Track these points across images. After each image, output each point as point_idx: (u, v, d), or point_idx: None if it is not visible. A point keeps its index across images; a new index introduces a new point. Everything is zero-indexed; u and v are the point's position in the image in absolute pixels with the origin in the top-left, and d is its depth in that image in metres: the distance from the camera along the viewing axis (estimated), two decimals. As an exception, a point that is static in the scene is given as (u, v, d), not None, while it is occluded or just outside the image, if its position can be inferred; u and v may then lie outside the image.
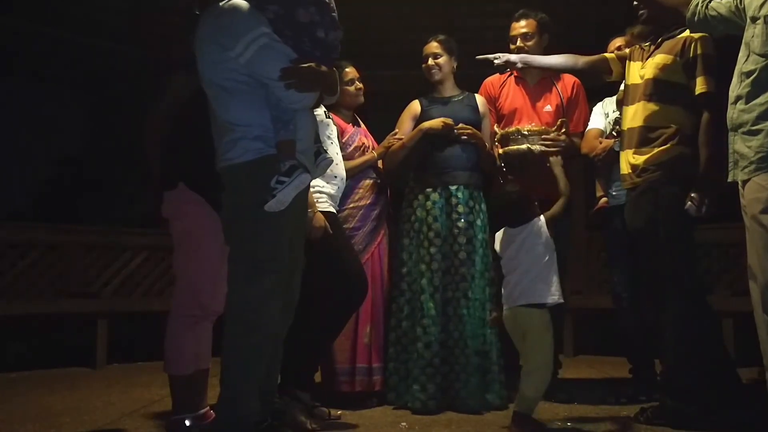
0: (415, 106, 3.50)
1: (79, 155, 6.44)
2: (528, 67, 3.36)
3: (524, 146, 3.30)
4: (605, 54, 3.24)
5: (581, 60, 3.20)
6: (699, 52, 2.80)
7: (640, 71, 2.95)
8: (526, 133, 3.32)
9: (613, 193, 3.52)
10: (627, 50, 3.14)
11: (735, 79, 2.45)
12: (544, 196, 3.05)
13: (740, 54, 2.43)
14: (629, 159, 2.93)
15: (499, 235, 2.91)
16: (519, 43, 3.49)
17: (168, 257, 5.06)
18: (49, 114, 6.15)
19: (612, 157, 3.31)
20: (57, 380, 4.22)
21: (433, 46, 3.48)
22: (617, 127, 3.37)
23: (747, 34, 2.41)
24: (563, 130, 3.38)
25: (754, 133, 2.34)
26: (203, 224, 2.58)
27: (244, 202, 2.33)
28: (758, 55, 2.35)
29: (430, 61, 3.47)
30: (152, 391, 3.71)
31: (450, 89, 3.51)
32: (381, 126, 3.65)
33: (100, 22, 5.35)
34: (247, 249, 2.33)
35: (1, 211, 5.87)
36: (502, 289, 2.86)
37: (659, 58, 2.89)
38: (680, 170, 2.79)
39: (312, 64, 2.35)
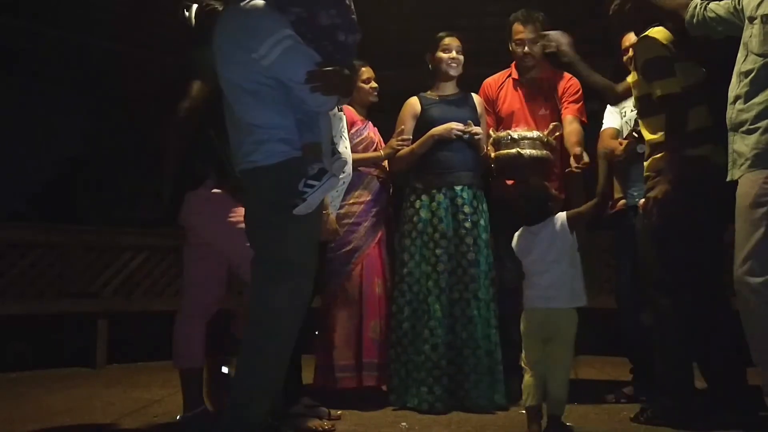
0: (415, 103, 3.47)
1: (79, 155, 6.45)
2: (543, 56, 3.41)
3: (514, 150, 3.25)
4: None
5: (616, 87, 3.15)
6: (639, 63, 2.79)
7: None
8: (516, 137, 3.28)
9: (634, 194, 3.39)
10: None
11: (734, 79, 2.46)
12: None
13: (739, 54, 2.44)
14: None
15: (517, 234, 2.78)
16: (527, 49, 3.46)
17: (168, 257, 5.06)
18: (49, 114, 6.15)
19: (633, 158, 3.29)
20: (57, 380, 4.22)
21: (458, 41, 3.43)
22: (636, 127, 3.35)
23: (745, 34, 2.42)
24: (557, 133, 3.36)
25: (752, 131, 2.35)
26: (221, 224, 2.60)
27: (271, 205, 2.28)
28: (756, 54, 2.36)
29: (454, 54, 3.42)
30: (152, 391, 3.71)
31: (451, 88, 3.49)
32: (381, 126, 3.63)
33: (100, 22, 5.34)
34: (274, 252, 2.27)
35: (1, 211, 5.88)
36: (525, 290, 2.70)
37: (630, 77, 2.91)
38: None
39: (336, 67, 2.31)
